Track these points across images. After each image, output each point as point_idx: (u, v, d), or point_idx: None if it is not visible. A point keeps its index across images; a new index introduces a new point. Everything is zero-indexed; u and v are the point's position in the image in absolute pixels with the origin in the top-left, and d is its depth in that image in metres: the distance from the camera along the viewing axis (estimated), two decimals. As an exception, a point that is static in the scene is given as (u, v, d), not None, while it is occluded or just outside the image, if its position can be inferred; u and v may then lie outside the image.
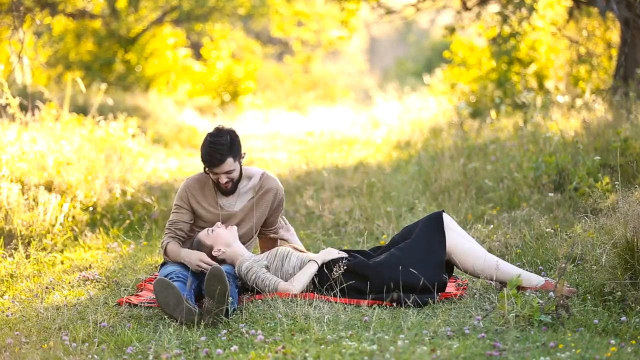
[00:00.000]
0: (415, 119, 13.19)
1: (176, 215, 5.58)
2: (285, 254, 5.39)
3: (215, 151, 5.38)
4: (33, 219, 6.94)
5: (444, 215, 5.39)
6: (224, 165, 5.41)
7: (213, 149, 5.38)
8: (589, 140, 8.11)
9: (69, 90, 11.11)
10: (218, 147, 5.38)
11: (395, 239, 5.50)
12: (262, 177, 5.66)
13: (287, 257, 5.37)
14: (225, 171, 5.44)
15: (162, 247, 5.56)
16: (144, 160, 10.13)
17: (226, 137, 5.43)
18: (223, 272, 4.83)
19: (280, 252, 5.39)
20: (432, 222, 5.37)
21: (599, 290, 5.05)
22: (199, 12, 18.76)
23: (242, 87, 19.39)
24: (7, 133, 8.11)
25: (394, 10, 13.98)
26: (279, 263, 5.35)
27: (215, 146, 5.38)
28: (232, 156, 5.42)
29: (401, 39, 39.03)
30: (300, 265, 5.34)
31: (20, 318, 5.06)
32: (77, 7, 17.41)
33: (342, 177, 9.21)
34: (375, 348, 4.32)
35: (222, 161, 5.40)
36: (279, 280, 5.27)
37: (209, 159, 5.41)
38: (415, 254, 5.24)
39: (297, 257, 5.37)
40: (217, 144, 5.38)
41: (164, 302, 4.86)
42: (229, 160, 5.42)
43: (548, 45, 13.00)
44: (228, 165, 5.42)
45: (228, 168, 5.43)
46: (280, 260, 5.36)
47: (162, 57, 18.31)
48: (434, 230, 5.33)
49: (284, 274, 5.33)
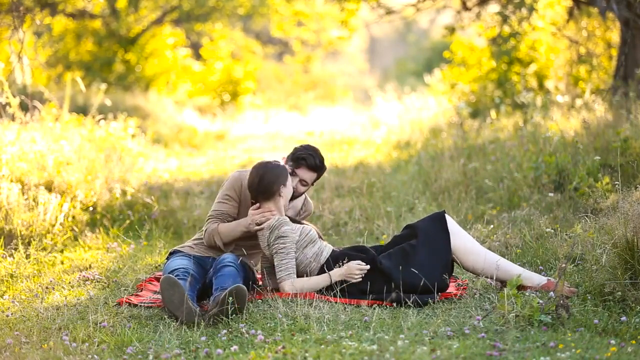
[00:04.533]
0: (415, 119, 13.19)
1: (224, 205, 5.62)
2: (313, 238, 5.41)
3: (318, 156, 5.69)
4: (33, 219, 6.93)
5: (446, 216, 5.41)
6: (311, 172, 5.66)
7: (316, 154, 5.69)
8: (589, 140, 8.11)
9: (68, 90, 11.12)
10: (320, 156, 5.71)
11: (397, 240, 5.50)
12: (306, 201, 5.87)
13: (313, 243, 5.40)
14: (304, 179, 5.66)
15: (212, 229, 5.55)
16: (144, 160, 10.12)
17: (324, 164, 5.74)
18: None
19: (310, 235, 5.41)
20: (436, 222, 5.38)
21: (599, 290, 5.05)
22: (198, 12, 18.76)
23: (242, 87, 19.39)
24: (7, 133, 8.11)
25: (394, 10, 13.97)
26: (305, 243, 5.38)
27: (318, 153, 5.72)
28: (319, 173, 5.73)
29: (401, 39, 39.04)
30: (318, 254, 5.36)
31: (20, 318, 5.06)
32: (77, 7, 17.42)
33: (342, 177, 9.21)
34: (375, 348, 4.32)
35: (316, 168, 5.66)
36: (292, 275, 5.28)
37: (309, 158, 5.65)
38: (420, 257, 5.25)
39: (319, 247, 5.41)
40: (319, 153, 5.72)
41: (169, 300, 4.90)
42: (315, 174, 5.70)
43: (548, 45, 13.00)
44: (311, 176, 5.68)
45: (309, 178, 5.68)
46: (307, 242, 5.39)
47: (162, 57, 18.31)
48: (438, 231, 5.34)
49: (303, 255, 5.35)
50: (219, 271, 5.22)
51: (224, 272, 5.20)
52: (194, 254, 5.57)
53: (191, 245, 5.67)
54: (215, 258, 5.52)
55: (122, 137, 9.78)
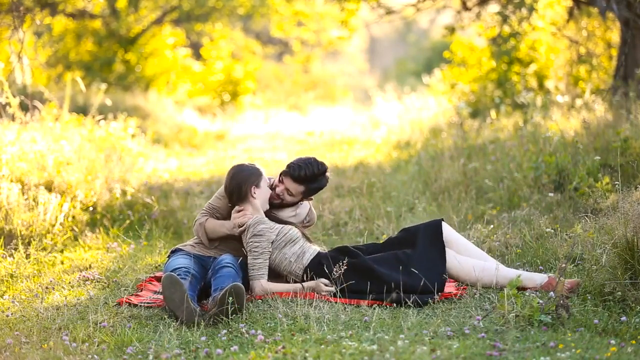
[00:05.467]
0: (415, 119, 13.18)
1: (217, 201, 5.70)
2: (293, 238, 5.42)
3: (305, 169, 5.56)
4: (33, 219, 6.93)
5: (442, 225, 5.44)
6: (295, 184, 5.59)
7: (306, 166, 5.57)
8: (589, 140, 8.11)
9: (68, 90, 11.11)
10: (309, 169, 5.56)
11: (392, 242, 5.52)
12: (310, 211, 5.84)
13: (292, 243, 5.41)
14: (289, 189, 5.60)
15: (200, 223, 5.63)
16: (144, 160, 10.12)
17: (321, 174, 5.62)
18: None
19: (289, 234, 5.43)
20: (432, 230, 5.42)
21: (599, 290, 5.05)
22: (198, 12, 18.76)
23: (242, 87, 19.38)
24: (7, 133, 8.10)
25: (394, 10, 13.97)
26: (283, 243, 5.39)
27: (309, 167, 5.57)
28: (306, 187, 5.61)
29: (401, 39, 39.03)
30: (299, 254, 5.36)
31: (20, 318, 5.06)
32: (77, 7, 17.41)
33: (342, 177, 9.21)
34: (375, 348, 4.32)
35: (299, 180, 5.57)
36: (264, 275, 5.29)
37: (294, 169, 5.58)
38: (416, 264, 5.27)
39: (301, 247, 5.40)
40: (312, 167, 5.58)
41: (170, 298, 4.91)
42: (301, 187, 5.60)
43: (548, 45, 12.99)
44: (295, 188, 5.60)
45: (294, 190, 5.61)
46: (286, 242, 5.40)
47: (161, 57, 18.31)
48: (434, 242, 5.38)
49: (282, 255, 5.37)
50: (218, 272, 5.24)
51: (222, 272, 5.22)
52: (194, 252, 5.59)
53: (192, 244, 5.69)
54: (216, 258, 5.54)
55: (122, 137, 9.77)
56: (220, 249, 5.64)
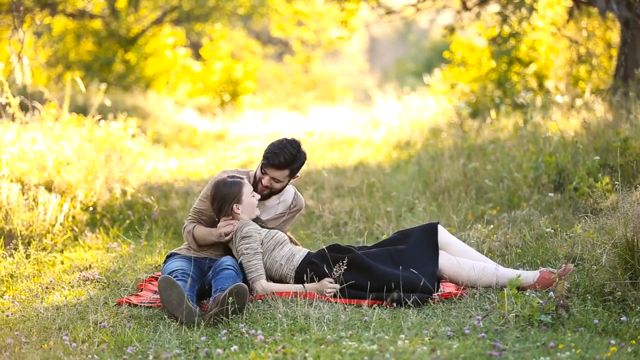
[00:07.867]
0: (415, 119, 13.18)
1: (203, 204, 5.68)
2: (281, 241, 5.45)
3: (282, 154, 5.51)
4: (33, 219, 6.93)
5: (438, 228, 5.45)
6: (279, 171, 5.56)
7: (282, 151, 5.52)
8: (589, 140, 8.11)
9: (68, 90, 11.11)
10: (286, 153, 5.51)
11: (385, 242, 5.54)
12: (296, 196, 5.83)
13: (281, 245, 5.44)
14: (275, 177, 5.58)
15: (188, 231, 5.65)
16: (144, 160, 10.12)
17: (298, 151, 5.57)
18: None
19: (276, 237, 5.46)
20: (427, 232, 5.44)
21: (599, 290, 5.05)
22: (198, 12, 18.76)
23: (241, 87, 19.38)
24: (7, 133, 8.10)
25: (394, 10, 13.97)
26: (272, 246, 5.42)
27: (285, 150, 5.51)
28: (290, 169, 5.57)
29: (401, 39, 39.03)
30: (289, 257, 5.37)
31: (20, 318, 5.06)
32: (77, 7, 17.41)
33: (342, 177, 9.21)
34: (375, 348, 4.32)
35: (281, 166, 5.54)
36: (262, 275, 5.29)
37: (272, 157, 5.53)
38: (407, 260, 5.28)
39: (289, 249, 5.43)
40: (288, 150, 5.52)
41: (167, 300, 4.90)
42: (285, 171, 5.57)
43: (548, 45, 12.99)
44: (281, 174, 5.57)
45: (279, 176, 5.58)
46: (274, 244, 5.43)
47: (161, 57, 18.31)
48: (428, 242, 5.40)
49: (272, 259, 5.38)
50: (219, 274, 5.24)
51: (223, 274, 5.22)
52: (190, 255, 5.60)
53: (187, 247, 5.70)
54: (212, 258, 5.57)
55: (122, 137, 9.78)
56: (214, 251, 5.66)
